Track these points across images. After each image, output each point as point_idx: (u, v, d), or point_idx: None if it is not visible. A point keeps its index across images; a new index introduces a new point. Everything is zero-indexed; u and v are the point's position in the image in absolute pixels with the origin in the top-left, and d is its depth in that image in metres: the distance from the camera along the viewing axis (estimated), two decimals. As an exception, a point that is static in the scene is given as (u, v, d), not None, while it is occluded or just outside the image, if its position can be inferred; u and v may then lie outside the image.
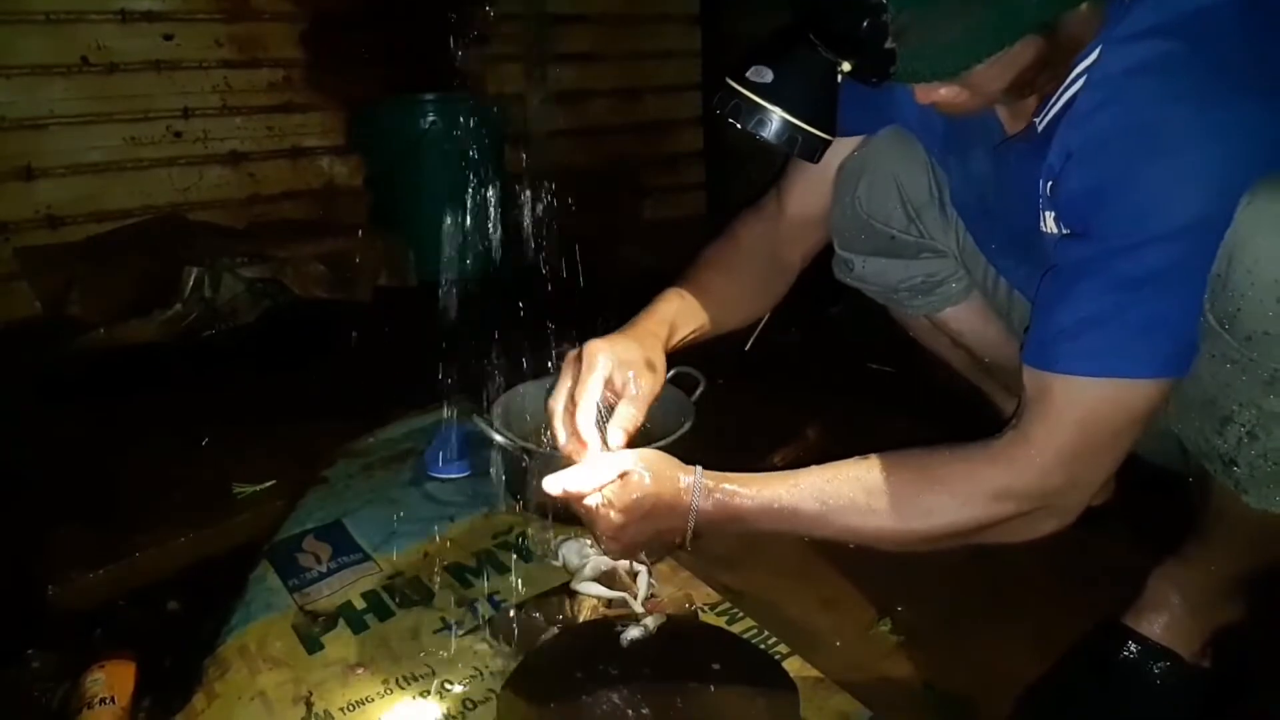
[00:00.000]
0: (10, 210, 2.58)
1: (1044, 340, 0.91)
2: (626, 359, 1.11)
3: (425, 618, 1.26)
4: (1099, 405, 0.89)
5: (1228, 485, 0.94)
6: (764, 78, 0.94)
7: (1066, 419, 0.90)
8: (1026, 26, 0.82)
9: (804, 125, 0.94)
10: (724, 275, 1.27)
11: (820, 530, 1.01)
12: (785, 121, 0.94)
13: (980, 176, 1.11)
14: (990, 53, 0.83)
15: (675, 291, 1.24)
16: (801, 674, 1.13)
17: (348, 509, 1.53)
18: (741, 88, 0.95)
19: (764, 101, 0.94)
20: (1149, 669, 1.09)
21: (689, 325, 1.23)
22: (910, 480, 0.96)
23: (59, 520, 1.57)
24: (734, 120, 0.96)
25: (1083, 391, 0.88)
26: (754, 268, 1.30)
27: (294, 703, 1.12)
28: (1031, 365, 0.93)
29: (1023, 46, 0.83)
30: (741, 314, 1.30)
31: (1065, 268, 0.91)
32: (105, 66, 2.65)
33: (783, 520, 1.00)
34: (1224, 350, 0.87)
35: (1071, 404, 0.89)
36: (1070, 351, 0.88)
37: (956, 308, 1.32)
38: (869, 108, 1.17)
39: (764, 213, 1.32)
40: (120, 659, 1.19)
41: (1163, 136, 0.82)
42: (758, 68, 0.94)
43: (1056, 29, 0.84)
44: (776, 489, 1.00)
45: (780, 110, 0.94)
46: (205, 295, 2.49)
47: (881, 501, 0.96)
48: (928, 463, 0.97)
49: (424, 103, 2.91)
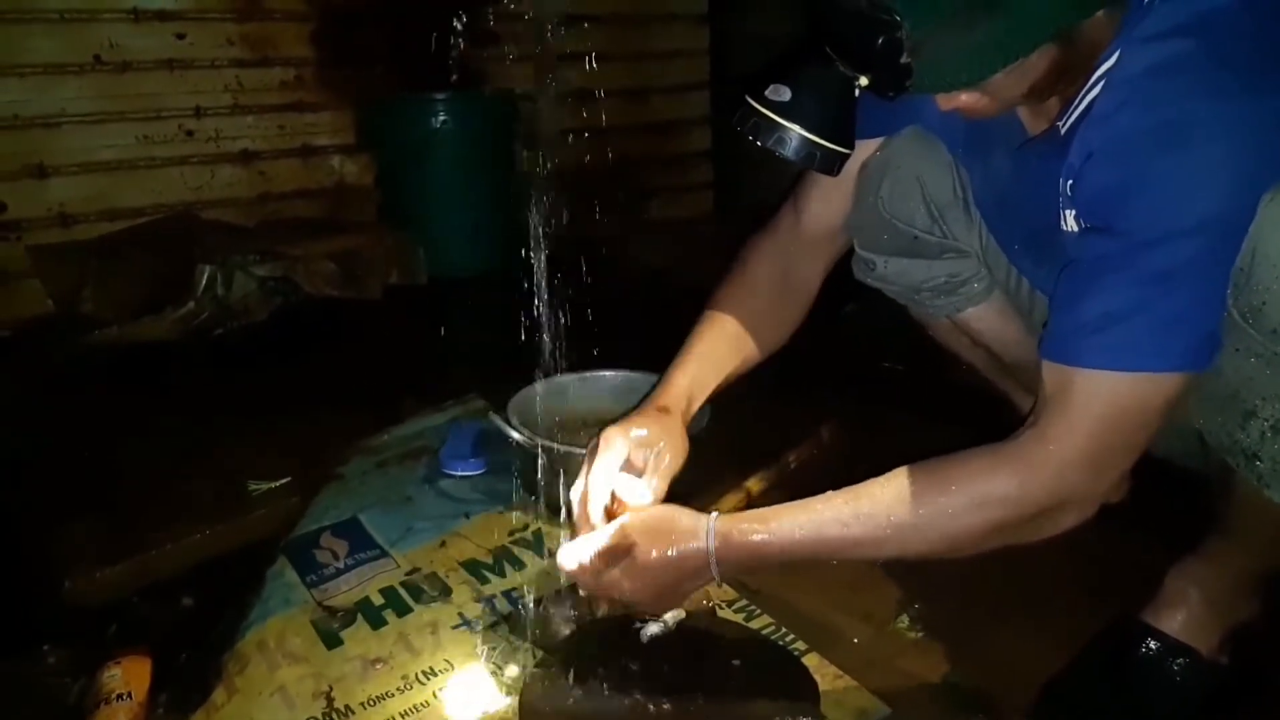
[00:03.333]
0: (23, 208, 2.58)
1: (1064, 335, 0.91)
2: (643, 440, 1.12)
3: (443, 614, 1.27)
4: (1121, 400, 0.89)
5: (1251, 480, 0.94)
6: (782, 96, 0.94)
7: (1087, 414, 0.90)
8: (1042, 37, 0.83)
9: (822, 141, 0.95)
10: (740, 319, 1.26)
11: (846, 556, 1.01)
12: (804, 139, 0.95)
13: (1002, 177, 1.11)
14: (1006, 64, 0.83)
15: (693, 352, 1.24)
16: (819, 671, 1.13)
17: (364, 505, 1.54)
18: (760, 106, 0.95)
19: (783, 120, 0.94)
20: (1167, 665, 1.09)
21: (709, 386, 1.24)
22: (927, 490, 0.96)
23: (74, 516, 1.57)
24: (754, 138, 0.96)
25: (1104, 386, 0.88)
26: (770, 301, 1.29)
27: (314, 697, 1.12)
28: (1051, 360, 0.93)
29: (1039, 55, 0.84)
30: (761, 352, 1.29)
31: (1086, 262, 0.91)
32: (118, 65, 2.65)
33: (806, 552, 1.00)
34: (1248, 344, 0.87)
35: (1092, 399, 0.89)
36: (1092, 346, 0.88)
37: (978, 307, 1.32)
38: (889, 110, 1.16)
39: (777, 232, 1.30)
40: (136, 655, 1.19)
41: (1185, 132, 0.82)
42: (776, 86, 0.95)
43: (1073, 37, 0.84)
44: (795, 521, 1.00)
45: (799, 128, 0.94)
46: (217, 293, 2.50)
47: (902, 516, 0.96)
48: (944, 472, 0.96)
49: (434, 101, 2.91)
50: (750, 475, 1.54)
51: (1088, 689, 1.11)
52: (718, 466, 1.48)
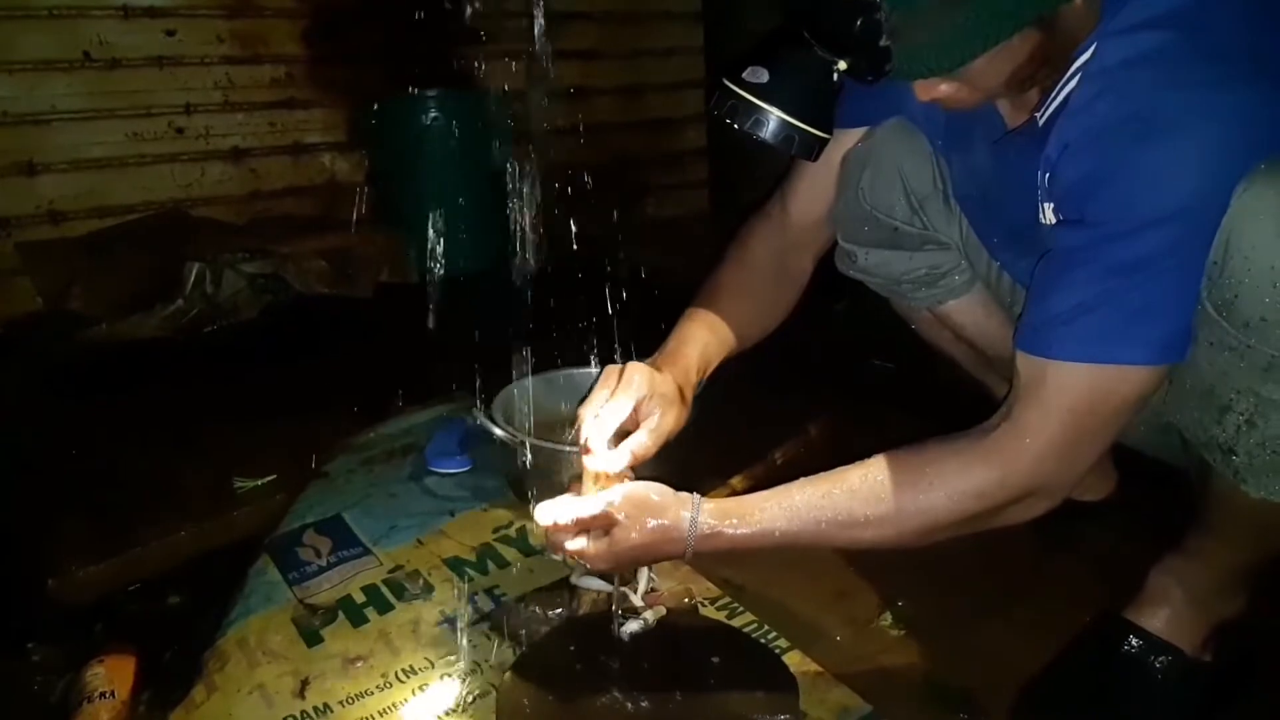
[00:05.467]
0: (12, 205, 2.58)
1: (1037, 326, 0.91)
2: (662, 391, 1.11)
3: (425, 611, 1.26)
4: (1092, 391, 0.88)
5: (1227, 475, 0.94)
6: (760, 78, 0.94)
7: (1059, 405, 0.90)
8: (1021, 21, 0.82)
9: (800, 124, 0.95)
10: (738, 298, 1.27)
11: (821, 544, 1.02)
12: (782, 121, 0.94)
13: (982, 170, 1.11)
14: (985, 48, 0.83)
15: (697, 323, 1.23)
16: (802, 668, 1.13)
17: (348, 503, 1.53)
18: (738, 88, 0.95)
19: (760, 101, 0.94)
20: (1150, 663, 1.08)
21: (715, 359, 1.24)
22: (903, 484, 0.96)
23: (61, 514, 1.57)
24: (731, 121, 0.96)
25: (1076, 377, 0.88)
26: (766, 282, 1.30)
27: (293, 695, 1.12)
28: (1024, 351, 0.93)
29: (1019, 41, 0.84)
30: (757, 333, 1.30)
31: (1059, 254, 0.91)
32: (107, 62, 2.65)
33: (780, 542, 1.00)
34: (1221, 337, 0.86)
35: (1064, 390, 0.89)
36: (1063, 337, 0.88)
37: (959, 300, 1.32)
38: (872, 100, 1.17)
39: (769, 220, 1.31)
40: (121, 653, 1.19)
41: (1157, 122, 0.82)
42: (754, 68, 0.94)
43: (1053, 23, 0.84)
44: (770, 511, 0.99)
45: (777, 110, 0.94)
46: (207, 291, 2.50)
47: (877, 509, 0.96)
48: (919, 463, 0.97)
49: (426, 99, 2.90)
50: (736, 472, 1.54)
51: (1071, 687, 1.11)
52: (704, 463, 1.48)
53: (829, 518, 0.97)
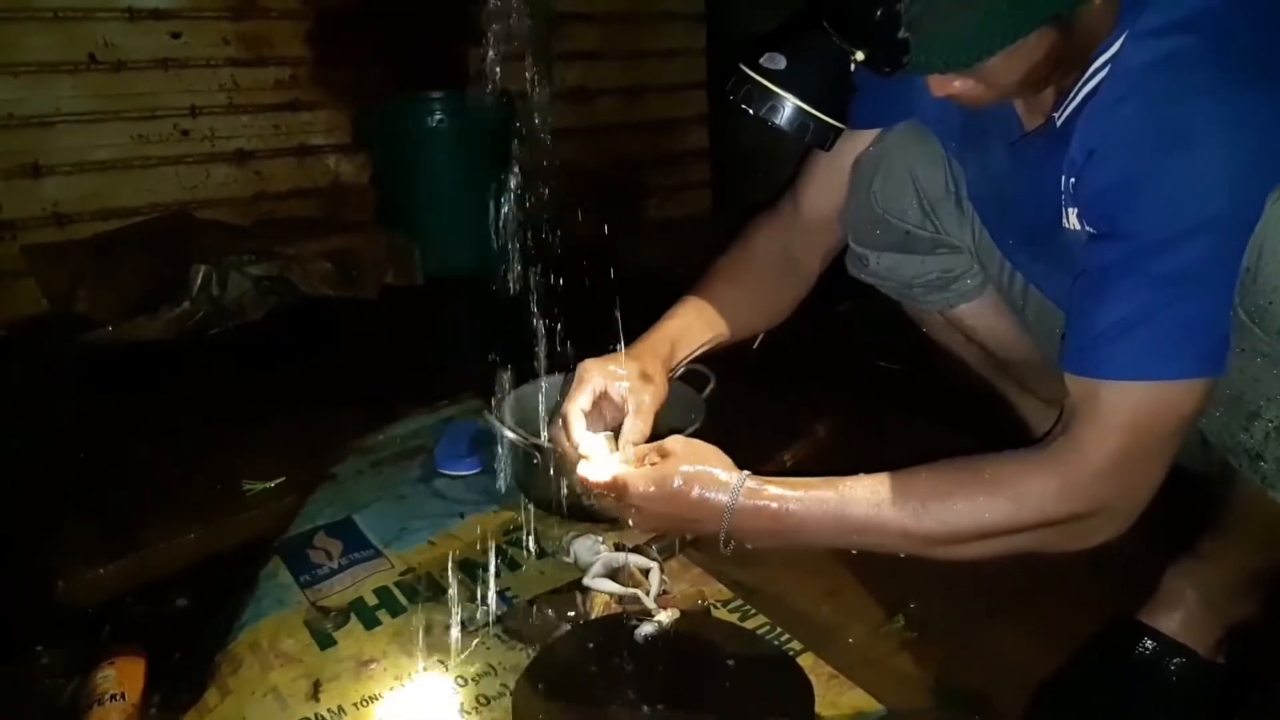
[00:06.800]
0: (18, 208, 2.58)
1: (1083, 346, 0.90)
2: (619, 375, 1.12)
3: (437, 614, 1.26)
4: (1147, 410, 0.87)
5: (1254, 481, 0.93)
6: (777, 64, 0.94)
7: (1115, 424, 0.88)
8: (1041, 18, 0.82)
9: (816, 113, 0.94)
10: (735, 284, 1.27)
11: (868, 539, 0.99)
12: (797, 108, 0.94)
13: (997, 171, 1.10)
14: (1004, 44, 0.83)
15: (684, 306, 1.25)
16: (815, 670, 1.13)
17: (358, 506, 1.53)
18: (754, 74, 0.94)
19: (776, 88, 0.93)
20: (1164, 665, 1.08)
21: (696, 339, 1.24)
22: (965, 487, 0.93)
23: (68, 516, 1.57)
24: (747, 106, 0.95)
25: (1129, 397, 0.87)
26: (768, 273, 1.30)
27: (306, 698, 1.12)
28: (1073, 373, 0.91)
29: (1037, 39, 0.83)
30: (757, 321, 1.29)
31: (1097, 270, 0.89)
32: (112, 64, 2.65)
33: (827, 526, 0.98)
34: (1254, 345, 0.86)
35: (1119, 409, 0.88)
36: (1111, 356, 0.87)
37: (971, 304, 1.31)
38: (886, 101, 1.16)
39: (779, 215, 1.31)
40: (130, 655, 1.19)
41: (1188, 130, 0.81)
42: (771, 54, 0.94)
43: (1070, 23, 0.84)
44: (824, 493, 0.98)
45: (793, 97, 0.93)
46: (212, 293, 2.50)
47: (934, 504, 0.93)
48: (980, 468, 0.94)
49: (430, 101, 2.90)
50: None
51: (1084, 689, 1.11)
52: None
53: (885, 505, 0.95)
